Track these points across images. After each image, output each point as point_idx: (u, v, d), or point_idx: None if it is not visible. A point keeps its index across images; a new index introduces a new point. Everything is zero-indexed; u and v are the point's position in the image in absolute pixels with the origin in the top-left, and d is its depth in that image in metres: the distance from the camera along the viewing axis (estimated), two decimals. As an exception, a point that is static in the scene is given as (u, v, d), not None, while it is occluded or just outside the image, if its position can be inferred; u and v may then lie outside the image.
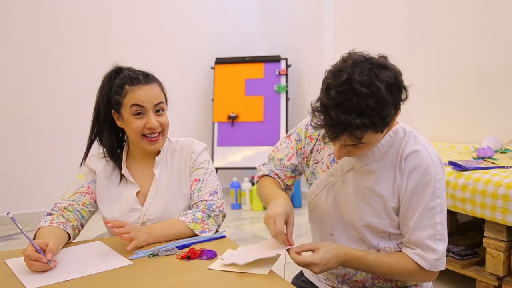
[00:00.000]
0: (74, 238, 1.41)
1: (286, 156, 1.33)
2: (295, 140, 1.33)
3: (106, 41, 3.99)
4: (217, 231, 1.40)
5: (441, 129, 3.06)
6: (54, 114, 3.85)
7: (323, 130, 1.04)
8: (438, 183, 1.10)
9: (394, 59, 1.07)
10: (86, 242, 1.36)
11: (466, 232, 2.59)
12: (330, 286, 1.29)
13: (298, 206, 4.07)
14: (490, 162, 2.19)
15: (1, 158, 3.71)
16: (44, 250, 1.14)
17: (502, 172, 1.98)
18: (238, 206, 4.15)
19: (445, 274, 2.27)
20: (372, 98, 0.95)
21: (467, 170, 2.08)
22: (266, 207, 1.20)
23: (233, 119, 4.27)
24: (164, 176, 1.48)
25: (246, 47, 4.62)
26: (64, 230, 1.34)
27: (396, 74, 1.01)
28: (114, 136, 1.50)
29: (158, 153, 1.49)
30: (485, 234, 2.01)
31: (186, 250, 1.22)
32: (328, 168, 1.24)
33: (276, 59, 4.31)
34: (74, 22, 3.87)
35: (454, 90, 3.01)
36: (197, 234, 1.35)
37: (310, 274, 1.38)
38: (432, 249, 1.10)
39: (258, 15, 4.71)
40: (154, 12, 4.23)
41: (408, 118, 2.54)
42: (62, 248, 1.30)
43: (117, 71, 1.45)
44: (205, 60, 4.47)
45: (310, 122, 1.09)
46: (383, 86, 0.97)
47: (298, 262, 1.08)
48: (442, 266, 1.13)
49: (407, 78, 1.05)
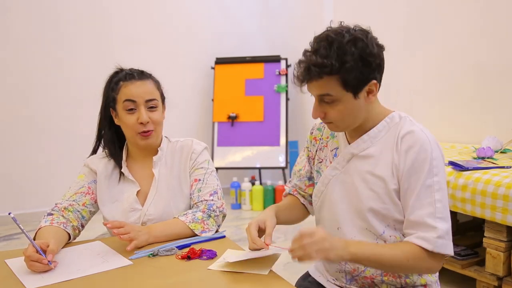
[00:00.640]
0: (74, 238, 1.41)
1: (302, 166, 1.40)
2: (306, 147, 1.40)
3: (106, 41, 3.99)
4: (217, 231, 1.41)
5: (441, 129, 3.05)
6: (54, 114, 3.85)
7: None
8: (434, 161, 1.11)
9: (394, 59, 1.08)
10: (86, 242, 1.36)
11: (466, 232, 2.59)
12: (339, 286, 1.28)
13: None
14: (490, 162, 2.19)
15: (1, 158, 3.71)
16: (44, 251, 1.14)
17: (502, 172, 1.99)
18: (238, 206, 4.15)
19: (445, 274, 2.27)
20: (336, 43, 1.08)
21: (467, 170, 2.08)
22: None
23: (233, 119, 4.27)
24: (164, 176, 1.48)
25: (246, 47, 4.62)
26: (64, 230, 1.34)
27: (371, 43, 1.10)
28: (114, 134, 1.50)
29: (156, 152, 1.50)
30: (485, 234, 2.01)
31: (186, 250, 1.23)
32: (331, 163, 1.28)
33: (276, 59, 4.31)
34: (74, 22, 3.87)
35: (454, 90, 3.01)
36: (197, 234, 1.35)
37: (317, 274, 1.37)
38: (432, 227, 1.07)
39: (258, 15, 4.71)
40: (154, 12, 4.22)
41: (408, 118, 2.53)
42: (62, 248, 1.30)
43: (118, 72, 1.46)
44: (205, 60, 4.47)
45: (293, 79, 1.17)
46: (351, 38, 1.08)
47: (302, 232, 1.04)
48: (448, 249, 1.08)
49: (407, 78, 1.06)
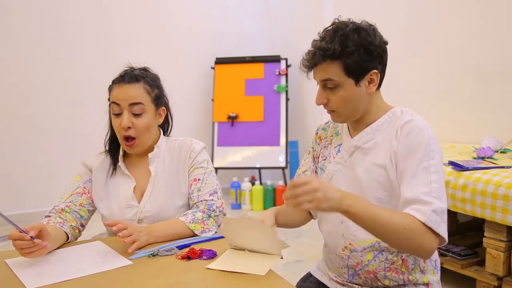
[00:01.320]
0: (75, 238, 1.41)
1: (307, 167, 1.41)
2: (311, 148, 1.42)
3: (106, 41, 3.99)
4: (217, 232, 1.40)
5: (441, 129, 3.05)
6: (54, 114, 3.84)
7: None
8: (432, 146, 1.12)
9: (394, 59, 1.09)
10: (86, 242, 1.36)
11: (466, 232, 2.59)
12: (341, 283, 1.29)
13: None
14: (490, 162, 2.19)
15: (1, 158, 3.71)
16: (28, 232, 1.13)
17: (502, 172, 1.99)
18: (238, 206, 4.15)
19: (445, 274, 2.26)
20: (340, 31, 1.16)
21: (467, 170, 2.08)
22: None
23: (233, 119, 4.27)
24: (161, 173, 1.48)
25: (246, 47, 4.62)
26: (60, 228, 1.34)
27: (374, 34, 1.19)
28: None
29: (152, 149, 1.49)
30: (485, 234, 2.01)
31: (186, 250, 1.22)
32: (334, 159, 1.29)
33: (276, 59, 4.31)
34: (74, 22, 3.87)
35: (454, 90, 3.01)
36: (197, 235, 1.35)
37: (319, 274, 1.38)
38: (427, 202, 1.06)
39: (258, 15, 4.71)
40: (154, 12, 4.22)
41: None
42: (62, 248, 1.30)
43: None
44: (205, 60, 4.47)
45: (299, 67, 1.24)
46: (354, 27, 1.17)
47: (296, 181, 1.00)
48: (441, 227, 1.06)
49: (407, 78, 1.06)
